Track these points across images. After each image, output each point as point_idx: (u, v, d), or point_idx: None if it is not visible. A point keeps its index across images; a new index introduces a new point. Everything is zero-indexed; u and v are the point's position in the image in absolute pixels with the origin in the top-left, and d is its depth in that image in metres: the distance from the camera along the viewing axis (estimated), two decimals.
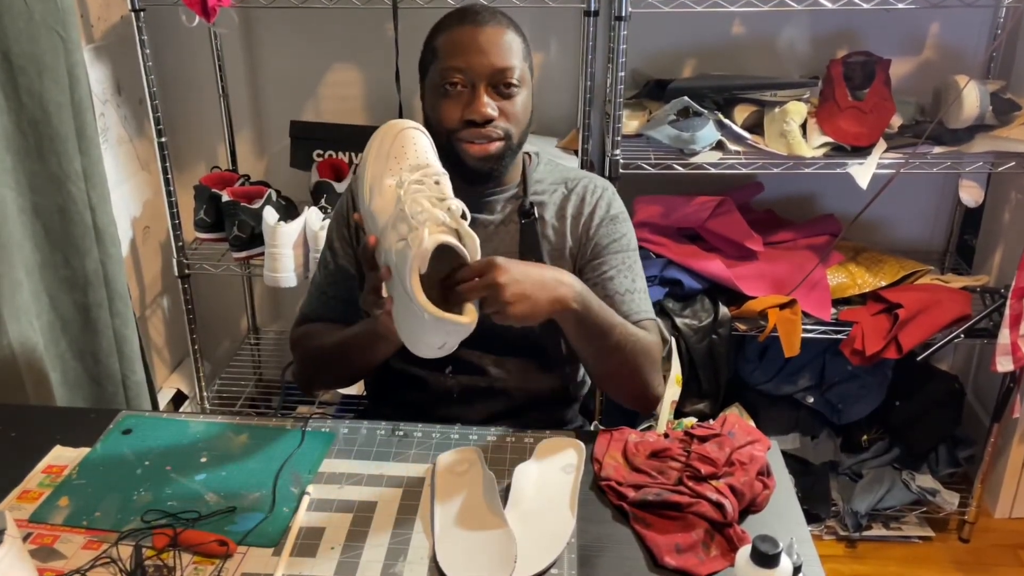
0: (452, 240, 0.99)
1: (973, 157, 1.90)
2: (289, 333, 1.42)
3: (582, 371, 1.49)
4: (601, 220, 1.33)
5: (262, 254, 2.02)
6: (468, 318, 1.00)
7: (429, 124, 1.28)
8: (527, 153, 1.37)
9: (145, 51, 1.90)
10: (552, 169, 1.38)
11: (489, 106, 1.21)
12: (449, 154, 1.25)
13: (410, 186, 1.01)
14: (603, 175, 1.77)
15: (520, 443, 1.20)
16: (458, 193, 1.03)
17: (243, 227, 2.01)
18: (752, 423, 2.09)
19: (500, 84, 1.22)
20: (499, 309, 1.05)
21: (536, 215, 1.32)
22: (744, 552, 0.87)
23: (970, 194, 2.07)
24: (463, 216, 1.01)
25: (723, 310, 1.98)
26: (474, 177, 1.27)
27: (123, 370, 1.79)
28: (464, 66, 1.21)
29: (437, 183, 1.02)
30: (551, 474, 1.13)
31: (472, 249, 1.02)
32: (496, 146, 1.24)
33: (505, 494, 1.09)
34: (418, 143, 1.09)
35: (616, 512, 1.07)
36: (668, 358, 1.93)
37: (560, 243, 1.32)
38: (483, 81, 1.22)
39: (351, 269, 1.36)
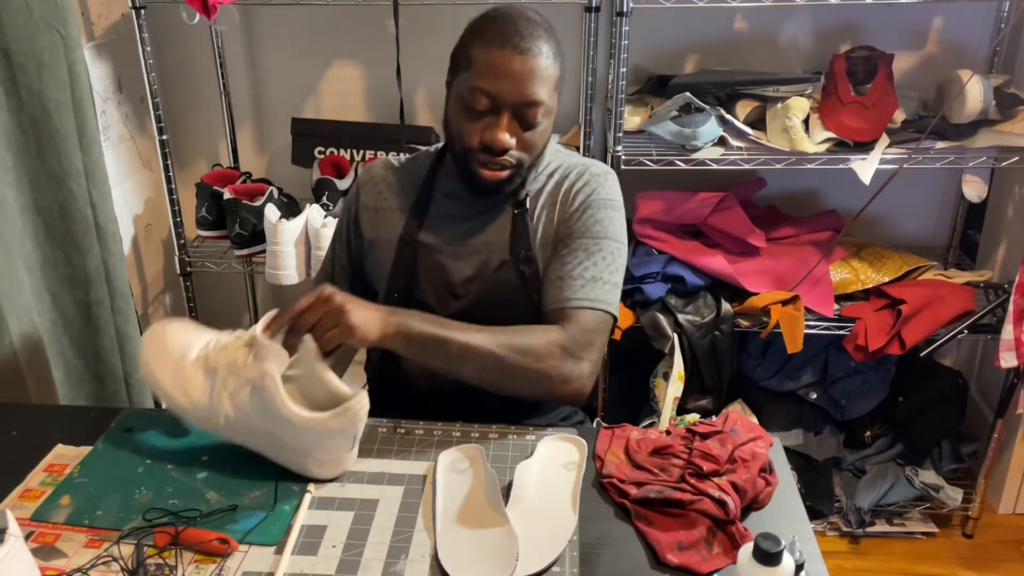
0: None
1: (976, 152, 1.89)
2: None
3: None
4: (581, 204, 1.30)
5: (264, 252, 2.02)
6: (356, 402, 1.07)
7: (448, 125, 1.28)
8: None
9: (146, 48, 1.90)
10: (555, 155, 1.37)
11: (508, 136, 1.21)
12: (462, 165, 1.27)
13: (208, 356, 1.11)
14: None
15: (522, 440, 1.20)
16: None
17: (245, 225, 2.01)
18: (755, 419, 2.09)
19: (525, 115, 1.21)
20: (338, 322, 1.09)
21: (528, 206, 1.31)
22: (746, 550, 0.87)
23: (973, 189, 2.06)
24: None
25: (725, 306, 1.97)
26: (480, 192, 1.29)
27: (125, 368, 1.79)
28: (494, 92, 1.19)
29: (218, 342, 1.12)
30: (553, 472, 1.13)
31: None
32: (507, 173, 1.25)
33: (507, 492, 1.08)
34: (172, 335, 1.15)
35: (618, 510, 1.07)
36: (671, 354, 1.93)
37: (548, 230, 1.32)
38: (508, 110, 1.20)
39: (349, 261, 1.41)
